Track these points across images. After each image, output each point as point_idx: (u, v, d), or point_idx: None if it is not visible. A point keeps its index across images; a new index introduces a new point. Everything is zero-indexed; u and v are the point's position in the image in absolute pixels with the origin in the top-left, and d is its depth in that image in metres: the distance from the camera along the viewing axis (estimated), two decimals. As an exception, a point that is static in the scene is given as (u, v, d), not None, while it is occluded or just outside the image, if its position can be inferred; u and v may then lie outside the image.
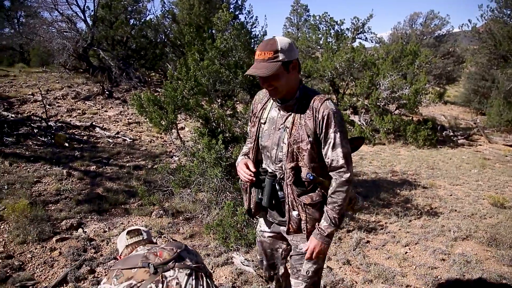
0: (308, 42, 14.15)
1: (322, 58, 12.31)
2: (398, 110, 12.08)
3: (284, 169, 1.98)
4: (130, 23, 13.83)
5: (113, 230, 4.16)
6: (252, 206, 2.18)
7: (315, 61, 12.42)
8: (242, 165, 2.09)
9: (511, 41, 13.35)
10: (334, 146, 1.90)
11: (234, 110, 4.97)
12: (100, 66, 13.51)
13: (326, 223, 1.95)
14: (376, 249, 4.18)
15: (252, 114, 2.19)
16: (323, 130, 1.89)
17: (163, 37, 14.13)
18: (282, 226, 2.13)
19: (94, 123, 8.50)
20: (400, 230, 4.74)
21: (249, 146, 2.22)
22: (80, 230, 4.06)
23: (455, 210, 5.55)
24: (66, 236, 3.92)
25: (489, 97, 15.43)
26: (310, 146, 1.92)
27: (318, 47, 13.96)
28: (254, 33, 5.99)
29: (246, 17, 13.65)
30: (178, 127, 6.37)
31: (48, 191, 4.96)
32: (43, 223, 4.02)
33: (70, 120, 8.66)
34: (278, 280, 2.44)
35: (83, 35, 12.88)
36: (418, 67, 12.30)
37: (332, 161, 1.91)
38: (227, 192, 4.35)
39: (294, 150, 1.95)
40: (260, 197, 2.06)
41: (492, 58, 14.84)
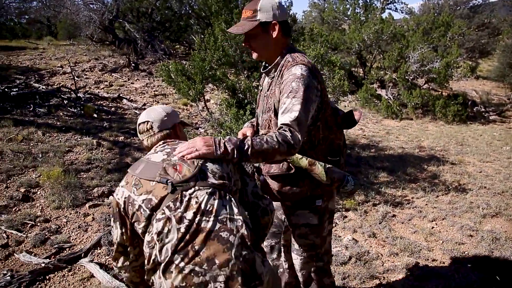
0: (335, 13, 13.75)
1: (350, 29, 11.96)
2: (427, 85, 11.68)
3: None
4: (155, -5, 13.72)
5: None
6: None
7: (342, 33, 12.09)
8: (239, 133, 2.10)
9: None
10: (284, 111, 1.66)
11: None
12: (125, 38, 13.58)
13: (234, 141, 1.57)
14: (402, 223, 4.16)
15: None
16: (280, 98, 1.74)
17: (188, 8, 13.98)
18: None
19: (121, 95, 8.63)
20: (427, 205, 4.68)
21: None
22: (111, 197, 4.21)
23: (485, 187, 5.42)
24: (98, 202, 4.07)
25: (525, 71, 14.68)
26: (275, 116, 1.83)
27: (346, 19, 13.54)
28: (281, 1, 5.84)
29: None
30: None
31: (79, 160, 5.14)
32: (76, 190, 4.19)
33: (98, 91, 8.82)
34: (279, 250, 2.40)
35: (109, 7, 12.92)
36: (450, 39, 11.80)
37: (280, 124, 1.66)
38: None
39: (266, 119, 1.92)
40: None
41: (531, 29, 14.02)
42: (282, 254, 2.40)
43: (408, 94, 10.19)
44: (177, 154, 1.53)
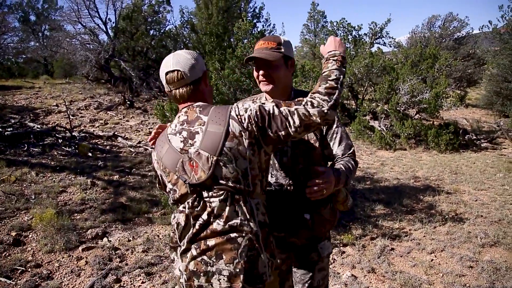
0: (325, 48, 14.13)
1: (340, 63, 12.25)
2: (418, 115, 11.89)
3: None
4: (150, 34, 14.14)
5: (137, 239, 4.23)
6: None
7: (333, 66, 12.38)
8: None
9: (535, 41, 13.00)
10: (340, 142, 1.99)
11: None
12: (121, 76, 13.83)
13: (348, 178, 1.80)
14: (401, 256, 4.11)
15: None
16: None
17: (182, 46, 14.35)
18: None
19: (116, 133, 8.68)
20: (425, 237, 4.64)
21: None
22: (105, 239, 4.14)
23: (481, 216, 5.40)
24: (92, 245, 4.00)
25: (512, 99, 15.00)
26: None
27: (336, 53, 13.90)
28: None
29: (264, 25, 13.78)
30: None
31: (73, 201, 5.09)
32: (69, 232, 4.12)
33: (93, 130, 8.87)
34: None
35: (105, 47, 13.23)
36: (438, 71, 12.12)
37: (345, 153, 1.96)
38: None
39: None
40: None
41: (515, 59, 14.43)
42: None
43: (400, 125, 10.33)
44: (308, 192, 1.64)
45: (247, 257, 1.47)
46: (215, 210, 1.48)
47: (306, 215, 1.87)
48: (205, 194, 1.50)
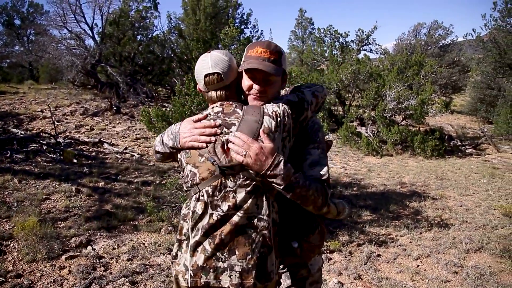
0: (313, 55, 14.27)
1: (328, 70, 12.38)
2: (405, 121, 12.05)
3: None
4: (137, 39, 14.04)
5: (122, 247, 4.16)
6: None
7: (321, 73, 12.49)
8: None
9: (516, 49, 13.31)
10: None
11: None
12: (108, 82, 13.70)
13: (290, 171, 1.48)
14: (387, 262, 4.13)
15: None
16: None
17: (170, 52, 14.31)
18: None
19: (102, 139, 8.57)
20: (411, 242, 4.68)
21: None
22: (89, 248, 4.06)
23: (466, 221, 5.47)
24: (75, 254, 3.91)
25: (495, 105, 15.34)
26: None
27: (324, 60, 14.06)
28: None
29: (251, 31, 13.84)
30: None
31: (57, 208, 4.99)
32: (52, 241, 4.03)
33: (79, 136, 8.75)
34: None
35: (91, 52, 13.10)
36: (423, 77, 12.31)
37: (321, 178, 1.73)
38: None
39: None
40: None
41: (497, 67, 14.77)
42: None
43: (387, 131, 10.44)
44: (229, 141, 1.48)
45: (260, 253, 1.48)
46: (238, 201, 1.47)
47: (293, 243, 1.78)
48: (230, 184, 1.47)
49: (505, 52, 13.64)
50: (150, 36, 14.43)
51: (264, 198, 1.52)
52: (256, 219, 1.49)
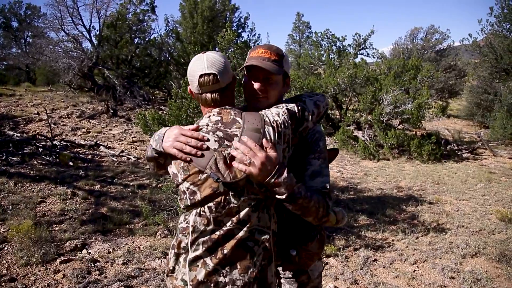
0: (310, 59, 14.29)
1: (325, 74, 12.42)
2: (401, 125, 12.07)
3: None
4: (135, 42, 14.06)
5: (117, 251, 4.13)
6: None
7: (318, 77, 12.51)
8: None
9: (512, 54, 13.38)
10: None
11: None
12: (104, 84, 13.68)
13: (293, 181, 1.47)
14: (383, 267, 4.12)
15: None
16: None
17: (167, 55, 14.33)
18: None
19: (98, 142, 8.54)
20: (407, 247, 4.67)
21: None
22: (84, 251, 4.03)
23: (463, 226, 5.47)
24: (70, 257, 3.88)
25: (492, 110, 15.41)
26: None
27: (321, 64, 14.09)
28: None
29: (249, 34, 13.87)
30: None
31: (52, 211, 4.95)
32: (47, 245, 4.00)
33: (75, 139, 8.71)
34: None
35: (89, 55, 13.09)
36: (420, 82, 12.33)
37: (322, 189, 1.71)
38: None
39: None
40: None
41: (493, 72, 14.83)
42: None
43: (383, 135, 10.46)
44: (232, 151, 1.42)
45: (261, 266, 1.47)
46: (241, 215, 1.43)
47: (292, 251, 1.77)
48: (234, 200, 1.42)
49: (501, 57, 13.71)
50: (147, 39, 14.46)
51: (265, 211, 1.50)
52: (257, 232, 1.47)
